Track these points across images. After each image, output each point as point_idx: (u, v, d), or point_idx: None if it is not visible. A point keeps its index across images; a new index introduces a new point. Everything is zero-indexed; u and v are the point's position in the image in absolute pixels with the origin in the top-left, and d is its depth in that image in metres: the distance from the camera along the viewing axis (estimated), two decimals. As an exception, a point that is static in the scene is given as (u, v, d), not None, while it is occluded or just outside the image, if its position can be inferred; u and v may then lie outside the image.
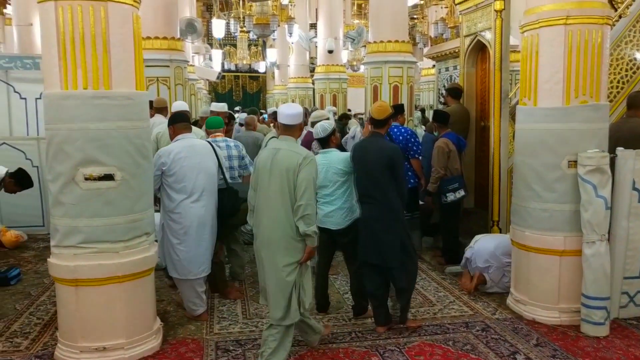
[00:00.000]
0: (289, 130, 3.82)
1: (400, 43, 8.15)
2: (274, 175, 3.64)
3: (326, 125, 4.60)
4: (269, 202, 3.66)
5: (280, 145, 3.75)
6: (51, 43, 3.54)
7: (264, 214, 3.69)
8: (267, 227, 3.67)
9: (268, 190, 3.67)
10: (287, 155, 3.66)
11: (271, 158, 3.69)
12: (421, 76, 16.46)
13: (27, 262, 6.31)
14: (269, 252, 3.68)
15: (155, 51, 7.45)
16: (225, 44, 22.67)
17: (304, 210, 3.57)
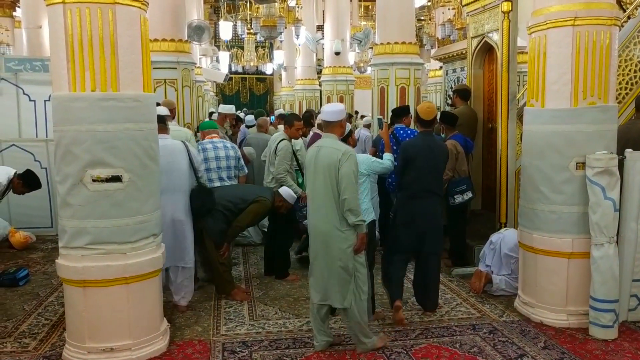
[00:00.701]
0: (330, 127, 4.05)
1: (407, 45, 8.13)
2: (318, 172, 3.91)
3: None
4: (316, 197, 3.94)
5: (322, 143, 4.00)
6: (60, 45, 3.56)
7: (313, 208, 3.99)
8: (317, 220, 3.95)
9: (314, 186, 3.95)
10: (328, 152, 3.89)
11: (314, 156, 3.96)
12: (428, 78, 16.43)
13: (36, 263, 6.34)
14: (322, 244, 3.93)
15: (162, 53, 7.48)
16: (232, 46, 22.72)
17: (349, 204, 3.79)
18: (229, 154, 5.62)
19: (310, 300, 4.15)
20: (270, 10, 14.36)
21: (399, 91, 8.21)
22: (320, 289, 4.01)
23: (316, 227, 3.97)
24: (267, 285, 5.56)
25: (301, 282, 5.64)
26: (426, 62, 14.16)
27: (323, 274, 3.97)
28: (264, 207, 5.17)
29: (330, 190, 3.84)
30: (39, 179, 5.58)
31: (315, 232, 3.99)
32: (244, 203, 5.09)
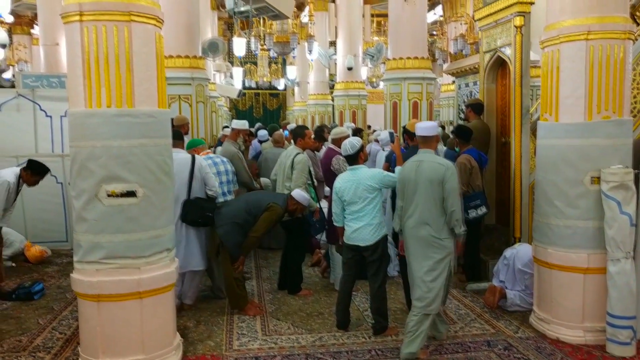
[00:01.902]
0: (427, 143, 4.30)
1: (420, 59, 8.16)
2: (419, 185, 4.15)
3: (354, 142, 4.66)
4: (416, 208, 4.17)
5: (422, 158, 4.24)
6: (76, 62, 3.62)
7: (413, 218, 4.18)
8: (417, 229, 4.17)
9: (414, 198, 4.18)
10: (431, 166, 4.15)
11: (415, 169, 4.19)
12: (441, 92, 16.44)
13: (51, 277, 6.39)
14: (420, 250, 4.16)
15: (177, 69, 7.57)
16: (246, 61, 22.91)
17: (457, 215, 4.10)
18: (227, 169, 5.80)
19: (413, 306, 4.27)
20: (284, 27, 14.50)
21: (412, 106, 8.22)
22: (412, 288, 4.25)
23: (415, 235, 4.20)
24: (280, 300, 5.54)
25: (314, 297, 5.63)
26: (438, 76, 14.19)
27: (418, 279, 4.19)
28: (276, 214, 5.15)
29: (433, 203, 4.11)
30: (43, 164, 5.64)
31: (413, 239, 4.22)
32: (258, 210, 5.10)
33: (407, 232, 4.28)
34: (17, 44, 18.23)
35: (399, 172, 4.42)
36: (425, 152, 4.30)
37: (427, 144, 4.32)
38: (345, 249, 4.73)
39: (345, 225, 4.65)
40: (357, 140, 4.75)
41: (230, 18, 15.91)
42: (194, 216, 5.09)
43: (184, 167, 5.07)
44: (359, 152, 4.64)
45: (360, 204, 4.53)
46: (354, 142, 4.67)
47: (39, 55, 13.06)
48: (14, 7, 14.49)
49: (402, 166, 4.45)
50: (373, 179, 4.54)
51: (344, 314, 4.77)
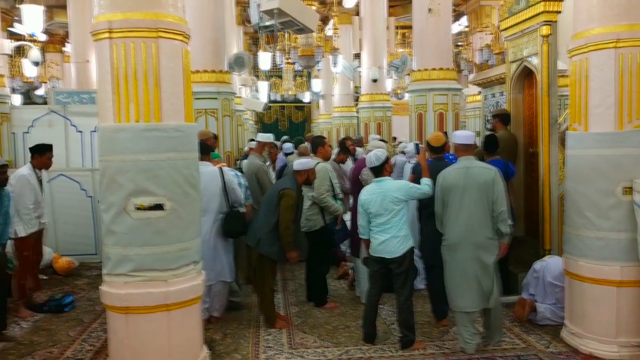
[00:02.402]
0: (467, 150, 4.55)
1: (445, 70, 8.12)
2: (469, 190, 4.36)
3: (379, 153, 4.64)
4: (465, 211, 4.37)
5: (468, 164, 4.47)
6: (106, 78, 3.70)
7: (460, 221, 4.38)
8: (466, 232, 4.36)
9: (462, 202, 4.37)
10: (481, 172, 4.42)
11: (463, 175, 4.40)
12: (467, 103, 16.31)
13: (81, 290, 6.49)
14: (470, 252, 4.37)
15: (203, 84, 7.67)
16: (271, 75, 23.10)
17: (505, 214, 4.38)
18: (240, 182, 5.75)
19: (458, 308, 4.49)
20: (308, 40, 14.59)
21: (437, 117, 8.17)
22: (470, 296, 4.41)
23: (467, 239, 4.37)
24: (306, 313, 5.53)
25: (340, 310, 5.60)
26: (464, 87, 14.07)
27: (472, 281, 4.39)
28: (291, 197, 5.08)
29: (485, 206, 4.34)
30: (42, 144, 5.76)
31: (465, 243, 4.38)
32: (275, 205, 5.09)
33: (454, 238, 4.43)
34: (50, 61, 18.72)
35: (442, 180, 4.51)
36: (467, 159, 4.51)
37: (467, 152, 4.55)
38: (371, 261, 4.70)
39: (371, 237, 4.63)
40: (382, 152, 4.74)
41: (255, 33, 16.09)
42: (239, 227, 5.22)
43: (212, 180, 5.14)
44: (384, 164, 4.62)
45: (386, 216, 4.51)
46: (379, 154, 4.66)
47: (71, 72, 13.41)
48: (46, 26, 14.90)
49: (445, 174, 4.54)
50: (399, 191, 4.52)
51: (370, 327, 4.73)
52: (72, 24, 11.89)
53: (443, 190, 4.50)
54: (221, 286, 5.25)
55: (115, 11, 3.65)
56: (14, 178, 5.45)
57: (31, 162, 5.68)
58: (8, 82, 10.28)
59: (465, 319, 4.48)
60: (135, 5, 3.65)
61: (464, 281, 4.42)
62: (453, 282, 4.50)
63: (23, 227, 5.46)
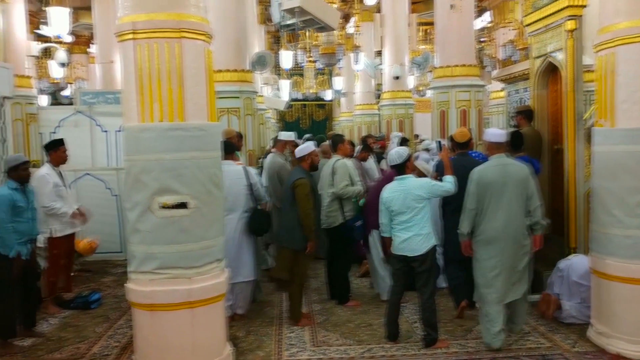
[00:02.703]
0: (500, 148, 4.63)
1: (468, 67, 8.04)
2: (508, 187, 4.45)
3: (401, 151, 4.63)
4: (503, 207, 4.45)
5: (504, 161, 4.57)
6: (130, 79, 3.75)
7: (498, 216, 4.45)
8: (504, 227, 4.44)
9: (501, 198, 4.45)
10: (517, 168, 4.54)
11: (501, 172, 4.48)
12: (490, 99, 16.13)
13: (107, 287, 6.60)
14: (508, 244, 4.46)
15: (226, 83, 7.71)
16: (292, 74, 23.14)
17: (541, 209, 4.57)
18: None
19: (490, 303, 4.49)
20: (330, 38, 14.57)
21: (460, 114, 8.10)
22: (504, 289, 4.49)
23: (505, 234, 4.45)
24: (329, 311, 5.54)
25: (363, 308, 5.59)
26: (487, 83, 13.92)
27: (508, 274, 4.49)
28: (304, 185, 5.12)
29: (520, 202, 4.47)
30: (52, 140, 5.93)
31: (502, 238, 4.46)
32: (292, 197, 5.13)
33: (492, 233, 4.47)
34: (76, 62, 19.02)
35: (479, 177, 4.53)
36: (500, 157, 4.59)
37: (499, 149, 4.63)
38: (393, 259, 4.69)
39: (393, 235, 4.61)
40: (404, 149, 4.72)
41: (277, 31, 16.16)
42: (264, 225, 5.32)
43: (236, 178, 5.22)
44: (406, 161, 4.61)
45: (409, 214, 4.49)
46: (401, 151, 4.64)
47: (96, 73, 13.62)
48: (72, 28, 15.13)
49: (482, 171, 4.57)
50: (422, 189, 4.50)
51: (393, 325, 4.72)
52: (97, 26, 12.07)
53: (480, 187, 4.51)
54: (245, 284, 5.29)
55: (139, 12, 3.70)
56: (34, 179, 5.56)
57: (48, 160, 5.78)
58: (35, 83, 10.48)
59: (494, 313, 4.47)
60: (159, 6, 3.69)
61: (499, 275, 4.47)
62: (487, 276, 4.51)
63: (59, 228, 5.58)
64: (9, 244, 4.58)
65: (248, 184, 5.30)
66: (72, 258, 6.08)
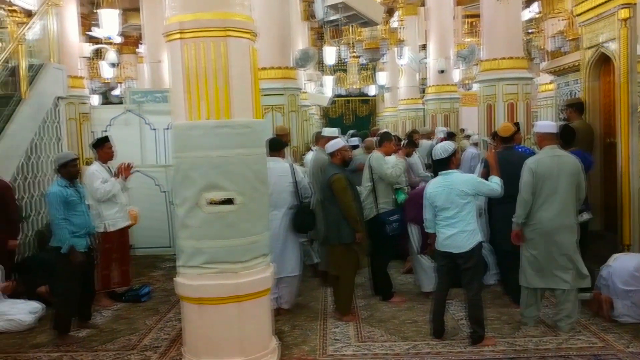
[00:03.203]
0: (552, 139, 4.75)
1: (515, 59, 7.86)
2: (562, 177, 4.59)
3: (447, 146, 4.59)
4: (558, 197, 4.59)
5: (557, 152, 4.70)
6: (178, 78, 3.84)
7: (554, 207, 4.59)
8: (559, 216, 4.60)
9: (557, 188, 4.58)
10: (571, 160, 4.68)
11: (556, 163, 4.62)
12: (539, 92, 15.72)
13: (156, 281, 6.79)
14: (561, 235, 4.61)
15: (270, 80, 7.78)
16: (336, 69, 23.14)
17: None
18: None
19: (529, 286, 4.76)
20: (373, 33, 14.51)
21: (508, 107, 7.93)
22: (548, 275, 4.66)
23: (560, 223, 4.60)
24: (373, 307, 5.53)
25: (408, 304, 5.56)
26: (536, 76, 13.57)
27: (554, 261, 4.63)
28: (340, 180, 5.13)
29: (573, 192, 4.62)
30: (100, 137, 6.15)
31: (557, 227, 4.60)
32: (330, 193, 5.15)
33: (547, 223, 4.60)
34: (125, 62, 19.57)
35: (536, 168, 4.62)
36: (552, 148, 4.70)
37: (551, 140, 4.73)
38: (437, 255, 4.65)
39: (438, 231, 4.57)
40: (450, 144, 4.66)
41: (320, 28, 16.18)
42: (308, 222, 5.40)
43: (282, 175, 5.31)
44: (451, 156, 4.54)
45: (453, 209, 4.43)
46: (447, 146, 4.59)
47: (144, 73, 13.97)
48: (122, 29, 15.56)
49: (539, 162, 4.66)
50: (466, 184, 4.44)
51: (439, 322, 4.68)
52: (145, 26, 12.37)
53: (537, 178, 4.61)
54: (290, 279, 5.35)
55: (186, 12, 3.78)
56: (85, 176, 5.75)
57: (96, 157, 5.98)
58: (87, 84, 10.84)
59: (536, 296, 4.81)
60: (205, 6, 3.76)
61: (550, 262, 4.64)
62: (533, 262, 4.71)
63: (112, 223, 5.77)
64: (63, 239, 4.76)
65: (293, 181, 5.36)
66: (127, 252, 6.26)
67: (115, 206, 5.84)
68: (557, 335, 4.62)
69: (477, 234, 4.46)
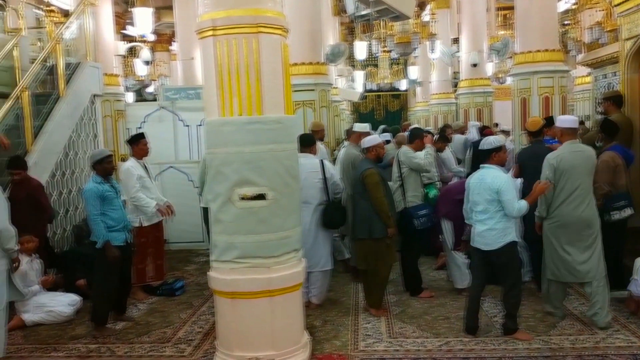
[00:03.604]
0: (573, 133, 4.78)
1: (551, 52, 7.69)
2: (583, 171, 4.63)
3: (493, 140, 4.56)
4: (579, 191, 4.60)
5: (579, 148, 4.72)
6: (211, 75, 3.88)
7: (574, 202, 4.62)
8: (580, 210, 4.61)
9: (577, 183, 4.60)
10: (590, 154, 4.71)
11: (579, 157, 4.63)
12: (575, 85, 15.37)
13: (190, 275, 6.89)
14: (583, 228, 4.63)
15: (301, 76, 7.79)
16: (367, 64, 23.05)
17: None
18: None
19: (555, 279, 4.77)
20: (405, 27, 14.40)
21: (543, 101, 7.78)
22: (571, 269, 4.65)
23: (578, 217, 4.62)
24: (405, 303, 5.50)
25: (440, 300, 5.52)
26: (572, 69, 13.26)
27: (577, 255, 4.64)
28: (373, 175, 5.12)
29: (589, 186, 4.67)
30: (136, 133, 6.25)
31: (578, 221, 4.63)
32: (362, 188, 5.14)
33: (568, 217, 4.62)
34: (158, 60, 19.88)
35: (558, 163, 4.63)
36: (573, 143, 4.72)
37: (572, 135, 4.76)
38: (472, 251, 4.61)
39: (473, 225, 4.54)
40: (498, 139, 4.62)
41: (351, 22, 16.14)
42: (338, 218, 5.41)
43: (311, 171, 5.34)
44: (492, 151, 4.46)
45: (483, 205, 4.41)
46: (493, 139, 4.56)
47: (177, 70, 14.16)
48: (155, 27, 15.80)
49: (561, 157, 4.66)
50: (490, 190, 4.35)
51: (472, 318, 4.63)
52: (178, 24, 12.52)
53: (558, 173, 4.62)
54: (321, 274, 5.38)
55: (218, 9, 3.81)
56: (120, 172, 5.85)
57: (131, 154, 6.08)
58: (122, 81, 11.04)
59: (563, 289, 4.86)
60: (237, 3, 3.79)
61: (573, 255, 4.63)
62: (555, 256, 4.73)
63: (147, 218, 5.88)
64: (99, 235, 4.86)
65: (323, 177, 5.38)
66: (161, 246, 6.36)
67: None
68: (594, 333, 4.52)
69: (508, 233, 4.38)
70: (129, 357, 4.47)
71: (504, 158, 4.59)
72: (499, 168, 4.50)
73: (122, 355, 4.51)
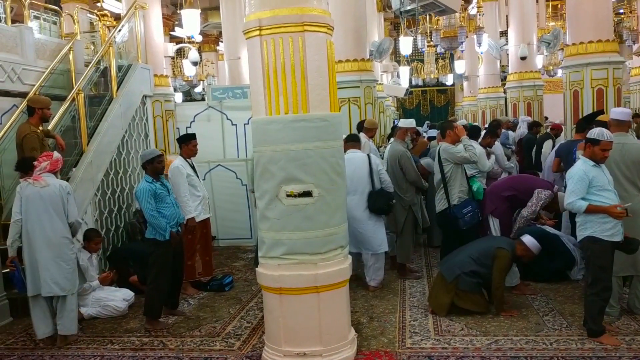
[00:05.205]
0: (621, 126, 4.73)
1: (604, 42, 7.45)
2: (623, 164, 4.59)
3: (599, 130, 4.39)
4: (619, 184, 4.52)
5: (624, 140, 4.65)
6: (257, 74, 3.93)
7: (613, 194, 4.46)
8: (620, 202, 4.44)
9: (617, 175, 4.54)
10: (635, 147, 4.64)
11: (619, 150, 4.54)
12: (630, 77, 14.79)
13: (238, 271, 7.01)
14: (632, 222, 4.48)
15: (346, 73, 7.80)
16: (412, 60, 22.85)
17: None
18: None
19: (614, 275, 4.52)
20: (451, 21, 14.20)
21: (596, 94, 7.53)
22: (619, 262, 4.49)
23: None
24: (453, 300, 5.44)
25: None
26: (627, 59, 12.77)
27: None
28: (506, 260, 4.93)
29: (633, 180, 4.62)
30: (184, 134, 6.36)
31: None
32: (487, 259, 4.94)
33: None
34: (206, 60, 20.26)
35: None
36: (620, 135, 4.62)
37: (621, 127, 4.70)
38: None
39: None
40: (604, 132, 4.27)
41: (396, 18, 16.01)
42: (381, 204, 5.67)
43: (361, 164, 5.74)
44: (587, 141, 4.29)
45: None
46: (598, 130, 4.30)
47: (224, 69, 14.39)
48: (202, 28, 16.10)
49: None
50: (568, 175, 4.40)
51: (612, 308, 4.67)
52: (224, 24, 12.72)
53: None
54: (375, 257, 5.74)
55: (264, 9, 3.86)
56: (169, 170, 5.99)
57: (180, 152, 6.22)
58: (171, 82, 11.31)
59: (619, 286, 4.69)
60: (283, 2, 3.82)
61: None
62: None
63: (195, 215, 6.01)
64: (162, 228, 5.01)
65: (369, 170, 5.69)
66: (209, 243, 6.49)
67: (197, 199, 6.07)
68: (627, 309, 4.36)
69: (587, 227, 4.23)
70: (180, 350, 4.60)
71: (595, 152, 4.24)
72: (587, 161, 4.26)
73: (173, 348, 4.64)
